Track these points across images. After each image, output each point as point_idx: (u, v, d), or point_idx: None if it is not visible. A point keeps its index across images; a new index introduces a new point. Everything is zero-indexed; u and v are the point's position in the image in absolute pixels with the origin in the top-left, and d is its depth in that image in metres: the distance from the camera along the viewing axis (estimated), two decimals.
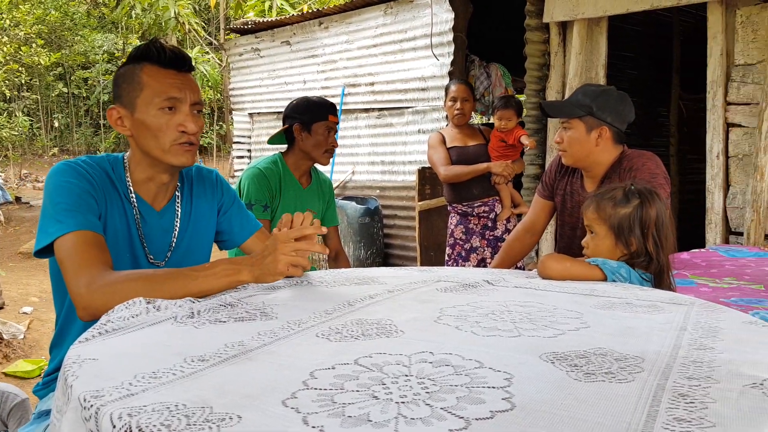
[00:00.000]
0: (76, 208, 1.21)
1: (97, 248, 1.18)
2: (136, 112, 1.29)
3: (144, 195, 1.38)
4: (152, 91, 1.28)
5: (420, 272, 1.50)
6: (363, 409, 0.63)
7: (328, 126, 2.29)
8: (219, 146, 17.19)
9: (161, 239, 1.40)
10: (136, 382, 0.71)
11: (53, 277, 1.36)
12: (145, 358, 0.81)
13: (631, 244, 1.45)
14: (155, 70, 1.29)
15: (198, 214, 1.47)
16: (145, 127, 1.29)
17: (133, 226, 1.35)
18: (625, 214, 1.45)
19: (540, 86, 4.13)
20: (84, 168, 1.29)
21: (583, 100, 1.92)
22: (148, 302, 1.06)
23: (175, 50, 1.32)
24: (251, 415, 0.62)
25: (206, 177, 1.52)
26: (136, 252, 1.36)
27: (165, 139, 1.29)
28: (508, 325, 0.96)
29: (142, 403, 0.65)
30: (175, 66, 1.31)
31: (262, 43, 6.73)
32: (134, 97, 1.29)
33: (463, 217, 3.34)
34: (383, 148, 5.64)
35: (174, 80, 1.30)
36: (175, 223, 1.42)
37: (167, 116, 1.29)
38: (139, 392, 0.68)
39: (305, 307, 1.09)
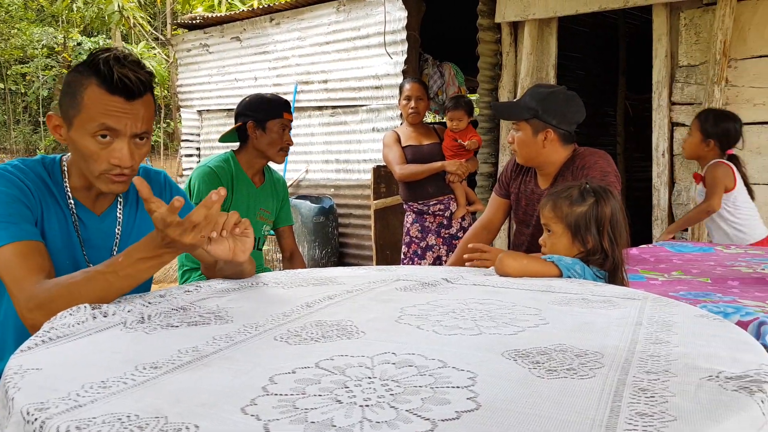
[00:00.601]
0: (8, 219, 1.14)
1: (34, 257, 1.12)
2: (72, 129, 1.20)
3: (83, 199, 1.31)
4: (89, 115, 1.17)
5: (378, 272, 1.49)
6: (326, 414, 0.61)
7: (282, 123, 2.25)
8: (166, 144, 16.74)
9: (102, 244, 1.34)
10: (84, 393, 0.67)
11: None
12: (94, 366, 0.77)
13: (587, 241, 1.48)
14: (99, 93, 1.17)
15: (144, 218, 1.41)
16: (77, 148, 1.21)
17: (72, 231, 1.29)
18: (581, 213, 1.48)
19: (492, 85, 4.19)
20: (14, 174, 1.21)
21: (530, 103, 1.95)
22: (94, 308, 1.01)
23: (127, 76, 1.16)
24: (209, 424, 0.59)
25: (154, 179, 1.45)
26: (76, 258, 1.29)
27: (95, 167, 1.20)
28: (469, 324, 0.96)
29: (91, 415, 0.61)
30: (124, 94, 1.18)
31: (211, 38, 6.57)
32: (72, 114, 1.20)
33: (418, 216, 3.35)
34: (337, 147, 5.60)
35: (116, 109, 1.17)
36: (117, 227, 1.36)
37: (101, 145, 1.18)
38: (88, 403, 0.64)
39: (262, 309, 1.06)
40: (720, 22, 3.23)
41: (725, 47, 3.23)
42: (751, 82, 3.24)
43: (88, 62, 1.20)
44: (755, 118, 3.24)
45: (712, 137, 2.79)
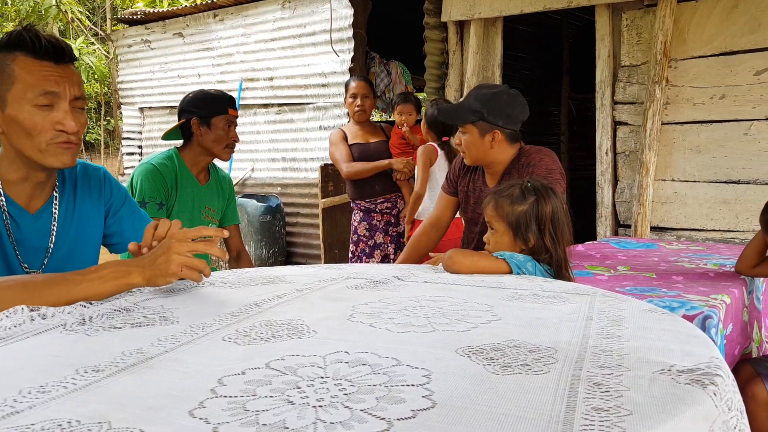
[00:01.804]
0: None
1: None
2: (7, 107, 1.15)
3: (16, 197, 1.24)
4: (25, 85, 1.14)
5: (328, 270, 1.47)
6: (278, 415, 0.59)
7: (228, 120, 2.20)
8: (107, 142, 16.12)
9: (37, 244, 1.27)
10: (21, 398, 0.63)
11: None
12: (31, 370, 0.72)
13: (529, 240, 1.50)
14: (29, 61, 1.15)
15: (82, 216, 1.35)
16: (18, 124, 1.16)
17: (3, 231, 1.22)
18: (522, 211, 1.50)
19: (439, 84, 4.22)
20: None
21: (475, 105, 1.97)
22: (32, 310, 0.95)
23: (52, 39, 1.18)
24: (155, 428, 0.56)
25: (93, 175, 1.39)
26: (8, 259, 1.22)
27: (40, 139, 1.16)
28: (421, 321, 0.95)
29: (29, 422, 0.57)
30: (53, 57, 1.17)
31: (152, 34, 6.37)
32: (4, 91, 1.15)
33: (366, 214, 3.34)
34: (284, 145, 5.53)
35: (51, 73, 1.16)
36: (53, 226, 1.29)
37: (43, 113, 1.16)
38: (26, 409, 0.60)
39: (209, 309, 1.02)
40: (660, 23, 3.36)
41: (666, 47, 3.36)
42: (691, 81, 3.39)
43: (4, 42, 1.17)
44: (695, 117, 3.38)
45: None
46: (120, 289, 1.07)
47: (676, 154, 3.45)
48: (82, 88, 1.23)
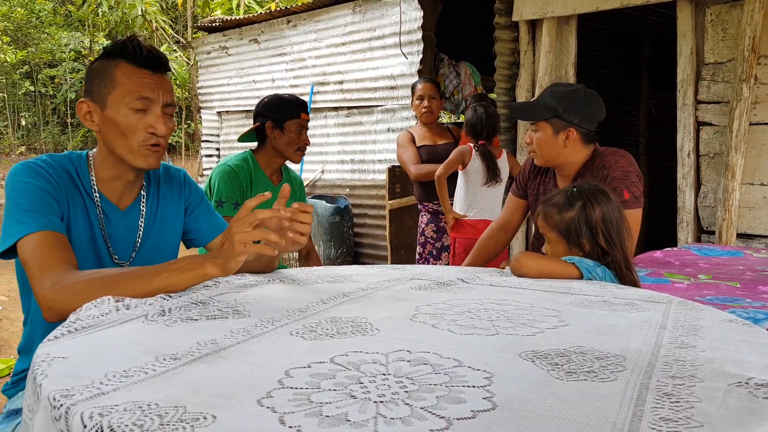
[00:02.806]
0: (36, 208, 1.17)
1: (60, 248, 1.14)
2: (107, 109, 1.26)
3: (108, 194, 1.34)
4: (124, 89, 1.25)
5: (393, 270, 1.48)
6: (341, 408, 0.61)
7: (300, 124, 2.26)
8: (187, 145, 16.91)
9: (126, 239, 1.36)
10: (107, 381, 0.68)
11: (19, 279, 1.31)
12: (116, 356, 0.78)
13: (583, 245, 1.46)
14: (130, 68, 1.26)
15: (165, 214, 1.44)
16: (114, 125, 1.26)
17: (97, 225, 1.31)
18: (571, 218, 1.46)
19: (510, 85, 4.16)
20: (43, 168, 1.24)
21: (550, 102, 1.92)
22: (117, 300, 1.02)
23: (152, 50, 1.29)
24: (226, 414, 0.59)
25: (174, 176, 1.48)
26: (100, 252, 1.31)
27: (133, 140, 1.27)
28: (485, 324, 0.95)
29: (114, 403, 0.62)
30: (151, 66, 1.28)
31: (230, 41, 6.63)
32: (105, 93, 1.26)
33: (433, 216, 3.34)
34: (353, 147, 5.61)
35: (148, 80, 1.27)
36: (140, 222, 1.38)
37: (137, 116, 1.26)
38: (110, 391, 0.65)
39: (278, 305, 1.06)
40: (749, 18, 3.16)
41: (754, 43, 3.16)
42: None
43: (109, 50, 1.28)
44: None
45: None
46: (197, 280, 1.13)
47: (765, 156, 3.24)
48: (174, 95, 1.33)
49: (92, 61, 1.31)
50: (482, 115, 3.04)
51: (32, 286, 1.10)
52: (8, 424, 1.22)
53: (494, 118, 3.08)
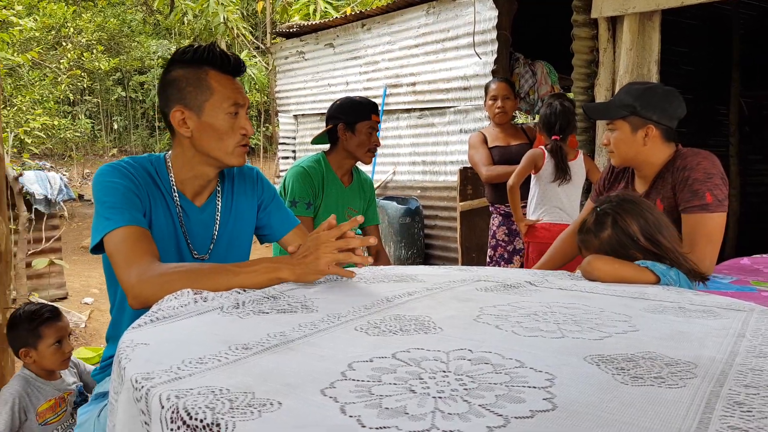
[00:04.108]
0: (121, 205, 1.25)
1: (144, 242, 1.22)
2: (204, 115, 1.34)
3: (186, 192, 1.42)
4: (221, 96, 1.34)
5: (459, 271, 1.49)
6: (400, 401, 0.63)
7: (371, 125, 2.31)
8: (265, 147, 17.49)
9: (203, 234, 1.44)
10: (183, 367, 0.73)
11: (106, 272, 1.41)
12: (193, 344, 0.83)
13: (634, 256, 1.42)
14: (220, 76, 1.35)
15: (239, 210, 1.51)
16: (213, 130, 1.35)
17: (177, 221, 1.39)
18: (609, 236, 1.44)
19: (588, 84, 4.03)
20: (127, 168, 1.33)
21: (626, 100, 1.87)
22: (196, 293, 1.09)
23: (235, 57, 1.38)
24: (291, 402, 0.62)
25: (247, 174, 1.56)
26: (180, 246, 1.40)
27: (230, 142, 1.36)
28: (551, 326, 0.94)
29: (189, 386, 0.67)
30: (235, 72, 1.38)
31: (306, 46, 6.81)
32: (203, 100, 1.34)
33: (505, 218, 3.30)
34: (424, 148, 5.62)
35: (235, 86, 1.37)
36: (216, 217, 1.46)
37: (231, 121, 1.35)
38: (186, 376, 0.70)
39: (345, 301, 1.09)
40: None
41: None
42: None
43: (191, 57, 1.35)
44: None
45: None
46: (271, 283, 1.19)
47: None
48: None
49: (168, 69, 1.38)
50: (556, 108, 2.97)
51: (118, 277, 1.18)
52: (96, 405, 1.32)
53: (569, 113, 2.99)
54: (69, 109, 16.14)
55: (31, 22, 10.67)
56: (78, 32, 13.20)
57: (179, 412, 0.61)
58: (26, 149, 8.88)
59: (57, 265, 5.29)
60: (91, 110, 17.67)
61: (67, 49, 12.01)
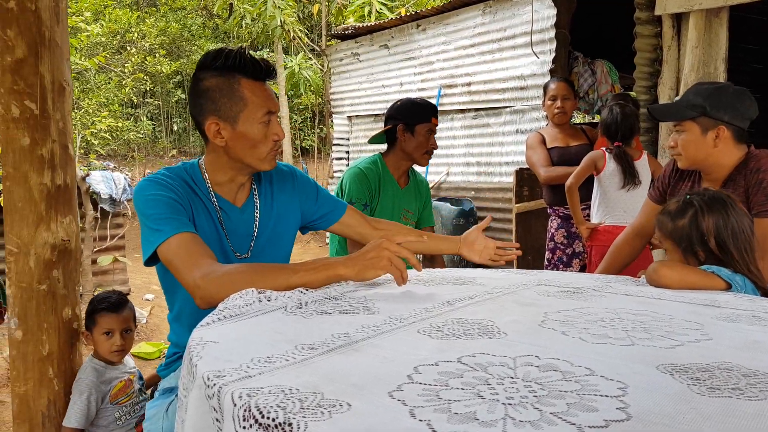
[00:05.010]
0: (168, 215, 1.28)
1: (198, 245, 1.25)
2: (238, 125, 1.35)
3: (225, 194, 1.45)
4: (255, 106, 1.35)
5: (519, 275, 1.47)
6: (469, 407, 0.62)
7: (429, 128, 2.31)
8: (319, 148, 17.73)
9: (243, 233, 1.46)
10: (253, 365, 0.75)
11: (162, 281, 1.45)
12: (260, 343, 0.85)
13: (698, 254, 1.40)
14: (253, 84, 1.35)
15: (280, 207, 1.53)
16: (247, 139, 1.36)
17: (217, 223, 1.42)
18: (682, 226, 1.43)
19: (651, 83, 3.90)
20: (165, 179, 1.35)
21: (695, 100, 1.80)
22: (260, 292, 1.11)
23: (266, 63, 1.38)
24: (360, 404, 0.63)
25: (285, 172, 1.58)
26: (224, 247, 1.42)
27: (263, 149, 1.38)
28: (619, 333, 0.91)
29: (259, 385, 0.68)
30: (266, 78, 1.39)
31: (361, 47, 6.86)
32: (237, 111, 1.34)
33: (564, 221, 3.23)
34: (479, 149, 5.57)
35: (266, 92, 1.37)
36: (255, 216, 1.48)
37: (265, 129, 1.37)
38: (256, 375, 0.72)
39: (405, 304, 1.09)
40: None
41: None
42: None
43: (221, 65, 1.34)
44: None
45: None
46: (330, 280, 1.21)
47: None
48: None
49: (199, 76, 1.37)
50: (617, 116, 2.89)
51: (182, 281, 1.21)
52: (164, 400, 1.37)
53: (631, 118, 2.91)
54: (131, 112, 16.81)
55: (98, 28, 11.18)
56: (141, 37, 13.74)
57: (251, 410, 0.63)
58: (92, 150, 9.30)
59: (120, 262, 5.53)
60: (152, 112, 18.34)
61: (131, 53, 12.52)
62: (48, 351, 2.14)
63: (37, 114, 2.18)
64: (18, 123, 2.15)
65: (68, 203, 2.30)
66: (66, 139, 2.29)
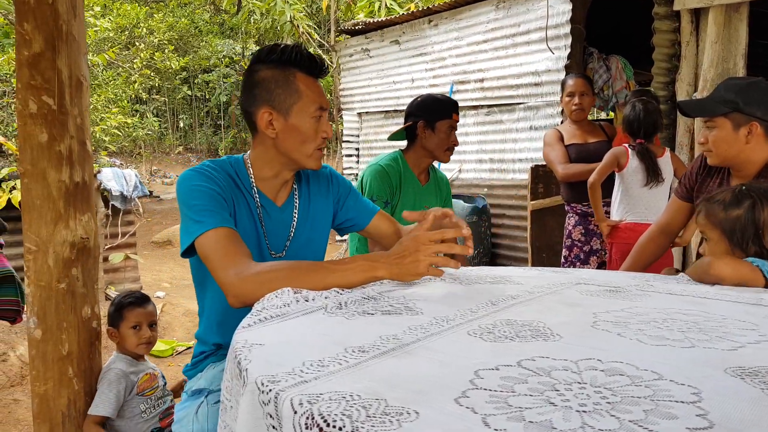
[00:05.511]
0: (211, 208, 1.26)
1: (236, 242, 1.22)
2: (290, 117, 1.35)
3: (266, 191, 1.43)
4: (309, 100, 1.34)
5: (554, 273, 1.43)
6: (543, 414, 0.60)
7: (450, 124, 2.27)
8: (328, 145, 17.71)
9: (280, 233, 1.44)
10: (306, 369, 0.72)
11: (195, 274, 1.43)
12: (308, 346, 0.83)
13: (747, 247, 1.36)
14: (307, 79, 1.36)
15: (316, 209, 1.51)
16: (298, 133, 1.35)
17: (257, 220, 1.40)
18: (737, 216, 1.38)
19: (669, 78, 3.86)
20: (209, 172, 1.34)
21: (727, 96, 1.77)
22: (296, 292, 1.09)
23: (321, 60, 1.38)
24: (427, 411, 0.60)
25: (321, 173, 1.56)
26: (261, 245, 1.40)
27: (311, 145, 1.36)
28: (676, 335, 0.88)
29: (318, 391, 0.65)
30: (319, 74, 1.38)
31: (371, 43, 6.82)
32: (291, 103, 1.34)
33: (582, 218, 3.19)
34: (492, 146, 5.52)
35: (320, 90, 1.37)
36: (294, 216, 1.46)
37: (316, 124, 1.36)
38: (312, 380, 0.69)
39: (448, 304, 1.07)
40: None
41: None
42: None
43: (279, 57, 1.35)
44: None
45: None
46: (367, 281, 1.18)
47: None
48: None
49: (254, 68, 1.37)
50: (640, 112, 2.85)
51: (216, 277, 1.18)
52: (193, 402, 1.34)
53: (653, 115, 2.87)
54: (138, 108, 16.80)
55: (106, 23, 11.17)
56: (150, 32, 13.73)
57: (314, 418, 0.60)
58: (102, 147, 9.31)
59: (132, 260, 5.52)
60: (159, 109, 18.34)
61: (140, 49, 12.50)
62: (68, 350, 2.12)
63: (54, 109, 2.15)
64: (35, 119, 2.12)
65: (86, 201, 2.28)
66: (84, 136, 2.27)
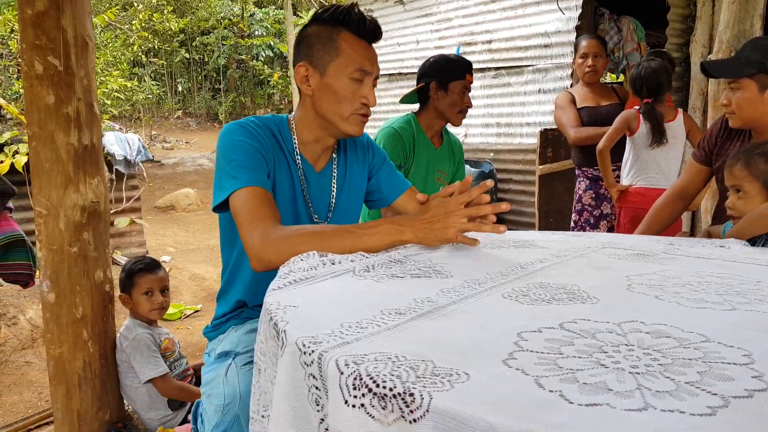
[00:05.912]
0: (249, 165, 1.24)
1: (267, 204, 1.20)
2: (326, 75, 1.31)
3: (307, 156, 1.40)
4: (348, 59, 1.29)
5: (576, 237, 1.42)
6: (596, 376, 0.58)
7: (464, 85, 2.23)
8: None
9: (321, 199, 1.42)
10: (345, 331, 0.71)
11: (223, 231, 1.41)
12: (342, 308, 0.81)
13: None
14: (353, 39, 1.30)
15: (352, 178, 1.48)
16: (332, 92, 1.31)
17: (298, 184, 1.38)
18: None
19: (683, 40, 3.78)
20: (253, 128, 1.31)
21: (754, 57, 1.73)
22: (321, 255, 1.07)
23: (372, 21, 1.33)
24: (478, 374, 0.59)
25: (358, 141, 1.52)
26: (299, 210, 1.38)
27: (347, 107, 1.32)
28: (715, 298, 0.87)
29: (362, 352, 0.64)
30: (370, 38, 1.33)
31: (375, 3, 6.66)
32: (328, 60, 1.30)
33: (593, 182, 3.16)
34: (499, 110, 5.45)
35: (367, 52, 1.32)
36: (333, 183, 1.43)
37: (354, 86, 1.31)
38: (353, 341, 0.68)
39: (476, 267, 1.05)
40: None
41: None
42: None
43: (329, 17, 1.31)
44: None
45: None
46: (393, 245, 1.16)
47: None
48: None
49: (305, 26, 1.35)
50: (642, 70, 2.78)
51: (242, 236, 1.17)
52: (221, 364, 1.33)
53: (657, 74, 2.78)
54: (136, 71, 16.54)
55: None
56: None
57: (363, 378, 0.59)
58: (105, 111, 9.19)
59: (137, 224, 5.50)
60: (157, 72, 18.06)
61: (138, 10, 12.24)
62: (82, 314, 2.12)
63: (61, 71, 2.10)
64: (42, 80, 2.08)
65: (96, 164, 2.25)
66: (91, 98, 2.22)
